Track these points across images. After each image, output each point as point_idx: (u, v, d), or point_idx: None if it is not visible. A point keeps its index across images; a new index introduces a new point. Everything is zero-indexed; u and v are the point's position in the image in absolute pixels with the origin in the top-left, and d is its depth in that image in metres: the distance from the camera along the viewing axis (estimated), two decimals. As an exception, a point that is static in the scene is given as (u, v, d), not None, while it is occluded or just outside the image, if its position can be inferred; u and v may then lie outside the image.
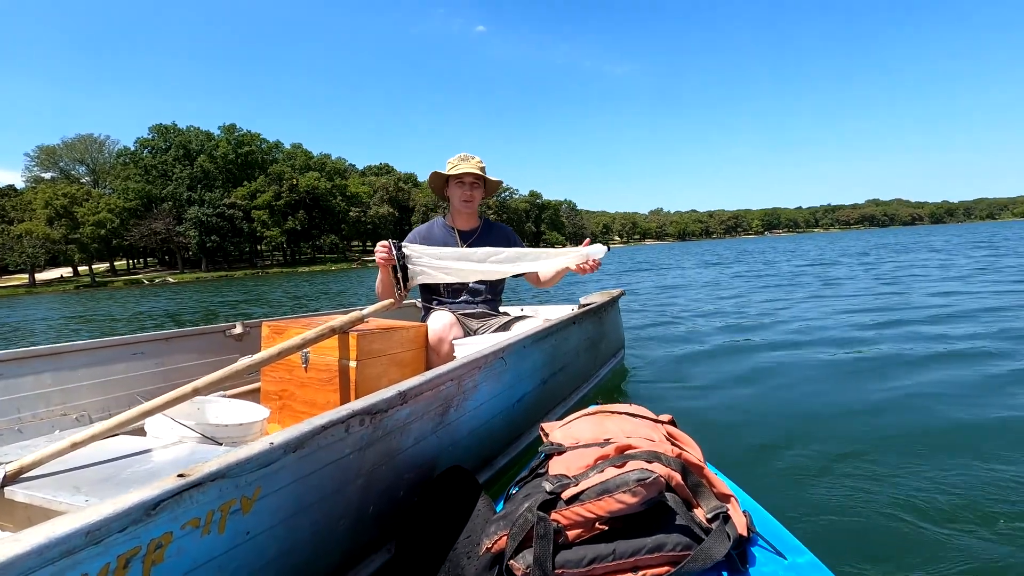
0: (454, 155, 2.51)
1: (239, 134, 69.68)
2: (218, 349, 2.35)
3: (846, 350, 3.61)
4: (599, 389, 2.84)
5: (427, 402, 1.26)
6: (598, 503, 0.97)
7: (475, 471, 1.59)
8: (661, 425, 1.28)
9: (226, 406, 1.83)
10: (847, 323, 4.72)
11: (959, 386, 2.66)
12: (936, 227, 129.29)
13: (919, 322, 4.51)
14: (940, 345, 3.58)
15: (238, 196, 63.35)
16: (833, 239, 51.02)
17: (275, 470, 0.85)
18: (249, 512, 0.82)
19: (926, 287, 7.10)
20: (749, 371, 3.22)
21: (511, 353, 1.69)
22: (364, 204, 76.21)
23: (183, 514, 0.71)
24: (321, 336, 1.81)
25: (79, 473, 1.25)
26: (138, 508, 0.65)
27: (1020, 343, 3.47)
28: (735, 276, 11.74)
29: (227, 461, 0.76)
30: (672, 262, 22.26)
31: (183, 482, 0.70)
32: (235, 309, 12.75)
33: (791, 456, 1.96)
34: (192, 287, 31.78)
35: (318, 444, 0.93)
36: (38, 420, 1.75)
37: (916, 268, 10.35)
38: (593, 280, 12.24)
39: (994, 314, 4.63)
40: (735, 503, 1.08)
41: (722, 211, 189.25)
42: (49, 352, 1.82)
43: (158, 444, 1.49)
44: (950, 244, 20.67)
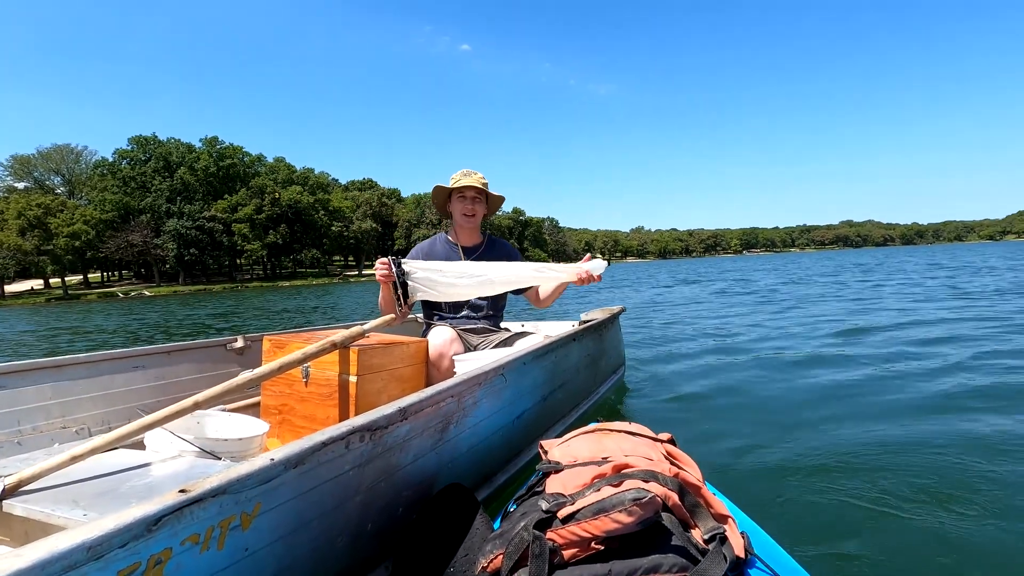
0: (456, 171, 2.54)
1: (221, 147, 68.79)
2: (219, 363, 2.35)
3: (851, 372, 3.60)
4: (599, 406, 2.84)
5: (427, 419, 1.26)
6: (594, 522, 0.97)
7: (474, 488, 1.59)
8: (660, 444, 1.28)
9: (226, 420, 1.83)
10: (851, 344, 4.72)
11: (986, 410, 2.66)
12: (906, 248, 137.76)
13: (928, 342, 4.50)
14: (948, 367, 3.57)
15: (219, 209, 62.57)
16: (814, 259, 52.81)
17: (275, 486, 0.85)
18: (249, 528, 0.82)
19: (928, 309, 7.11)
20: (751, 391, 3.22)
21: (511, 370, 1.69)
22: (347, 219, 75.87)
23: (183, 530, 0.72)
24: (322, 351, 1.82)
25: (78, 487, 1.25)
26: (139, 524, 0.65)
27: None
28: (737, 296, 11.74)
29: (228, 477, 0.76)
30: (663, 277, 22.60)
31: (184, 498, 0.70)
32: (226, 322, 12.62)
33: (792, 478, 1.95)
34: (170, 301, 31.39)
35: (318, 460, 0.93)
36: (38, 433, 1.75)
37: (914, 289, 10.36)
38: (580, 296, 12.23)
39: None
40: (733, 524, 1.08)
41: (702, 230, 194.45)
42: (50, 364, 1.83)
43: (157, 458, 1.49)
44: (952, 264, 20.74)
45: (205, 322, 12.96)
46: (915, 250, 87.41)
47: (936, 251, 59.89)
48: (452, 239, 2.57)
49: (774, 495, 1.82)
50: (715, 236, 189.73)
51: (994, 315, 5.85)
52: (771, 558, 1.06)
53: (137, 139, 65.28)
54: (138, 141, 65.16)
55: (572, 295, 13.74)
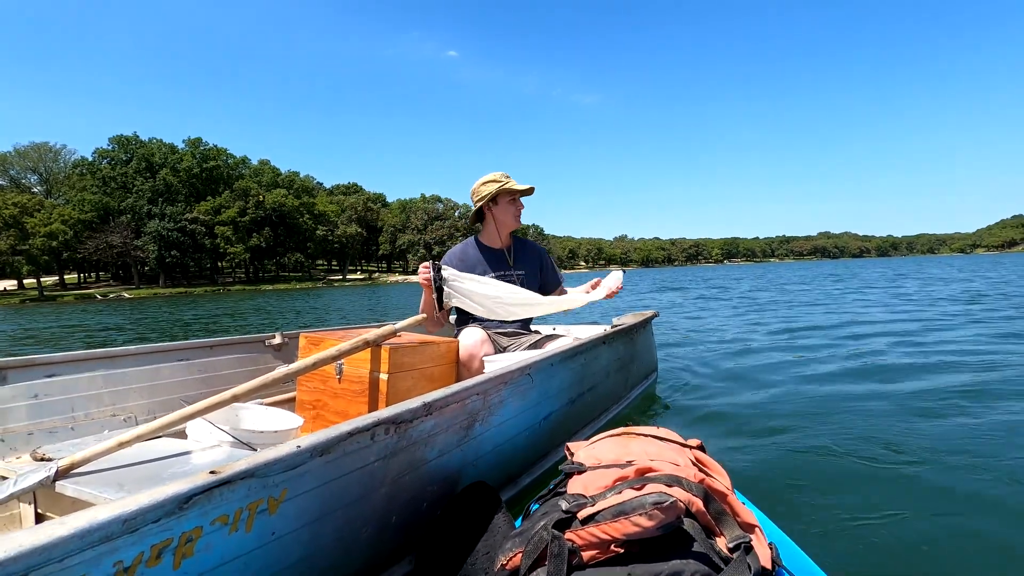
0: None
1: (205, 148, 67.75)
2: (257, 358, 2.44)
3: (897, 382, 3.43)
4: (630, 411, 2.80)
5: (452, 415, 1.28)
6: (614, 524, 0.96)
7: (499, 488, 1.59)
8: (689, 450, 1.26)
9: (262, 413, 1.90)
10: (897, 351, 4.50)
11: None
12: (882, 259, 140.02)
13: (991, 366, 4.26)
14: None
15: (201, 211, 61.61)
16: (794, 268, 53.88)
17: (301, 473, 0.88)
18: (276, 513, 0.85)
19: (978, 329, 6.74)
20: (790, 400, 3.11)
21: (538, 370, 1.70)
22: (331, 223, 75.25)
23: (213, 510, 0.75)
24: (355, 348, 1.87)
25: (123, 471, 1.32)
26: (172, 500, 0.68)
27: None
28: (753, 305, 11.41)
29: (256, 461, 0.79)
30: (645, 286, 22.38)
31: (214, 479, 0.73)
32: (214, 324, 12.17)
33: (829, 488, 1.87)
34: (150, 303, 30.16)
35: (344, 450, 0.96)
36: (89, 420, 1.86)
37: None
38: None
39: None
40: (760, 534, 1.05)
41: (684, 239, 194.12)
42: (103, 355, 1.94)
43: (198, 447, 1.56)
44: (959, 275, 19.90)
45: (219, 322, 12.77)
46: (889, 261, 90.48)
47: (908, 263, 62.04)
48: (485, 242, 2.60)
49: (810, 507, 1.74)
50: (697, 245, 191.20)
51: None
52: (800, 571, 1.02)
53: (118, 139, 64.23)
54: (119, 141, 64.09)
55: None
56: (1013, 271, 21.73)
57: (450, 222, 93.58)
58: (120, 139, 64.57)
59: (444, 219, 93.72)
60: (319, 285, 62.50)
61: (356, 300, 21.68)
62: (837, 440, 2.36)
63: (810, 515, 1.68)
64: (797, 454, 2.22)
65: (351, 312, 14.57)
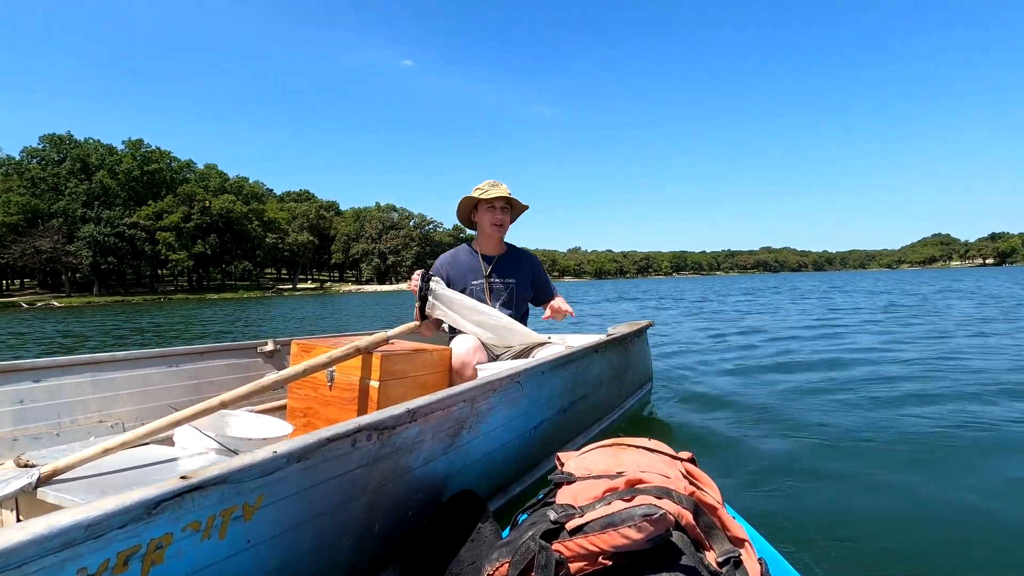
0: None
1: (146, 150, 64.18)
2: (249, 364, 2.42)
3: (895, 395, 3.42)
4: (623, 421, 2.78)
5: (438, 422, 1.26)
6: (602, 536, 0.94)
7: (487, 497, 1.57)
8: (679, 462, 1.24)
9: (251, 420, 1.88)
10: (891, 363, 4.49)
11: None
12: (818, 273, 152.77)
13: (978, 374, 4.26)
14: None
15: (142, 216, 58.15)
16: (741, 281, 57.19)
17: (278, 479, 0.86)
18: (251, 520, 0.83)
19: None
20: (787, 413, 3.08)
21: (528, 378, 1.68)
22: (282, 231, 73.39)
23: (184, 516, 0.73)
24: (346, 355, 1.85)
25: (108, 478, 1.30)
26: (138, 506, 0.67)
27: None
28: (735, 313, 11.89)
29: (230, 466, 0.77)
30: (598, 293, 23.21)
31: (185, 484, 0.71)
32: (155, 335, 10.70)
33: (822, 504, 1.85)
34: (84, 312, 27.02)
35: (323, 456, 0.94)
36: (76, 426, 1.84)
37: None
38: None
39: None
40: (750, 548, 1.03)
41: (635, 252, 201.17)
42: (91, 361, 1.92)
43: (184, 454, 1.54)
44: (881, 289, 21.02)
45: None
46: (826, 275, 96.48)
47: (842, 277, 65.86)
48: (475, 248, 2.59)
49: (801, 522, 1.72)
50: (647, 258, 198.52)
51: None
52: (790, 586, 1.00)
53: (50, 138, 59.99)
54: (51, 140, 59.92)
55: (596, 311, 13.91)
56: (928, 285, 24.26)
57: (405, 232, 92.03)
58: (52, 138, 60.42)
59: (399, 228, 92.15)
60: (268, 294, 59.66)
61: (306, 310, 20.72)
62: (833, 456, 2.34)
63: (801, 531, 1.66)
64: (790, 469, 2.20)
65: (299, 324, 13.13)
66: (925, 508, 1.80)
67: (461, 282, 2.52)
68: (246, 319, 16.00)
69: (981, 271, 79.23)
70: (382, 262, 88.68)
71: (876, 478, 2.07)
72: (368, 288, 76.89)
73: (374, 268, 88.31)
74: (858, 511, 1.79)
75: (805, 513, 1.78)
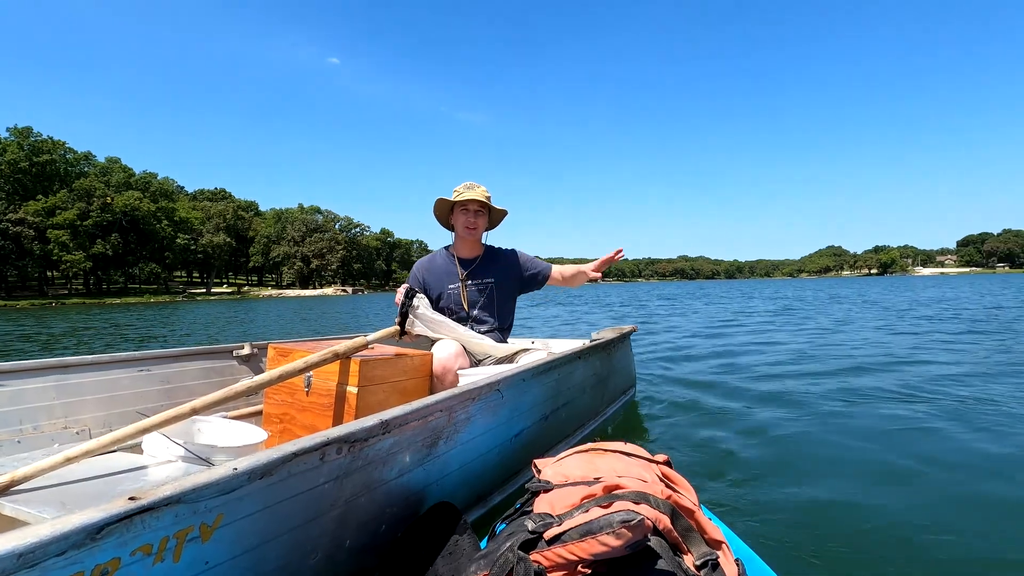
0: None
1: (36, 139, 57.22)
2: (224, 369, 2.37)
3: (874, 404, 3.48)
4: (607, 427, 2.78)
5: (414, 432, 1.23)
6: (580, 544, 0.93)
7: (466, 508, 1.55)
8: (656, 465, 1.24)
9: (224, 427, 1.83)
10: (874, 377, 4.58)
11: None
12: (729, 281, 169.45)
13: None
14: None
15: (29, 211, 52.09)
16: (662, 288, 60.94)
17: (239, 497, 0.82)
18: (209, 540, 0.79)
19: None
20: (764, 416, 3.11)
21: (508, 386, 1.66)
22: (195, 231, 68.05)
23: (133, 539, 0.68)
24: (323, 360, 1.82)
25: (70, 488, 1.25)
26: (79, 531, 0.62)
27: None
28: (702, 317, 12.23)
29: (184, 486, 0.73)
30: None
31: (133, 506, 0.67)
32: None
33: (797, 504, 1.86)
34: None
35: (289, 471, 0.90)
36: (39, 433, 1.77)
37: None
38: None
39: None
40: (727, 550, 1.03)
41: (562, 258, 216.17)
42: (56, 364, 1.85)
43: (153, 462, 1.49)
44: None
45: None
46: (736, 283, 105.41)
47: (750, 284, 71.30)
48: (454, 251, 2.57)
49: (777, 522, 1.73)
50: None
51: None
52: (767, 589, 1.00)
53: None
54: None
55: (581, 314, 14.04)
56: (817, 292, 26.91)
57: (330, 234, 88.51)
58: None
59: (324, 231, 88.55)
60: (179, 299, 55.02)
61: (218, 315, 19.43)
62: (807, 456, 2.37)
63: (777, 530, 1.67)
64: (766, 469, 2.22)
65: (201, 330, 11.59)
66: (897, 504, 1.83)
67: (438, 287, 2.50)
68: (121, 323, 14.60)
69: (866, 280, 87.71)
70: (305, 266, 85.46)
71: (850, 477, 2.11)
72: (290, 293, 73.93)
73: (296, 272, 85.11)
74: (833, 510, 1.82)
75: (781, 513, 1.79)
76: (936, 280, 62.39)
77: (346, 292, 79.24)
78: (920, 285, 36.66)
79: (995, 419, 2.83)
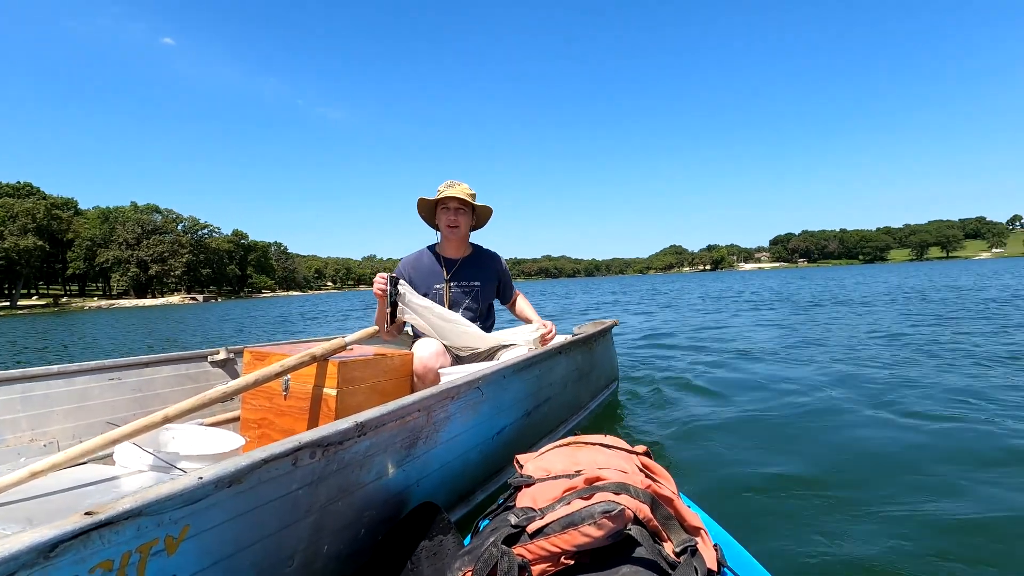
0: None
1: None
2: (199, 375, 2.32)
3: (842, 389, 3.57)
4: (589, 421, 2.79)
5: (391, 434, 1.21)
6: (563, 536, 0.93)
7: (449, 507, 1.54)
8: (635, 456, 1.25)
9: (199, 434, 1.80)
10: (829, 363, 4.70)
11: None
12: (589, 279, 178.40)
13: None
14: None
15: None
16: (533, 286, 64.81)
17: (206, 507, 0.80)
18: (175, 553, 0.77)
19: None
20: (743, 404, 3.17)
21: (489, 383, 1.65)
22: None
23: (91, 556, 0.65)
24: (300, 363, 1.79)
25: (36, 504, 1.21)
26: (29, 551, 0.59)
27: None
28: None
29: (145, 498, 0.70)
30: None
31: (89, 521, 0.64)
32: None
33: (773, 490, 1.90)
34: None
35: (259, 479, 0.88)
36: (4, 447, 1.71)
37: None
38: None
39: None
40: (706, 536, 1.04)
41: None
42: (21, 376, 1.79)
43: (124, 472, 1.45)
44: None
45: None
46: (596, 280, 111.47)
47: (608, 282, 74.72)
48: (439, 250, 2.55)
49: (754, 508, 1.77)
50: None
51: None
52: (745, 571, 1.02)
53: None
54: None
55: (569, 310, 14.09)
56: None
57: (172, 236, 79.38)
58: None
59: (164, 233, 79.23)
60: None
61: (27, 333, 15.73)
62: (783, 442, 2.42)
63: (753, 515, 1.71)
64: (741, 456, 2.26)
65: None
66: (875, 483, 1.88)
67: (423, 286, 2.47)
68: None
69: (702, 275, 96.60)
70: (142, 272, 76.15)
71: (823, 459, 2.17)
72: (125, 303, 65.32)
73: (131, 279, 75.56)
74: (807, 491, 1.87)
75: (757, 497, 1.84)
76: (756, 274, 72.47)
77: (196, 300, 69.92)
78: (748, 278, 41.81)
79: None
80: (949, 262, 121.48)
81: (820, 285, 20.57)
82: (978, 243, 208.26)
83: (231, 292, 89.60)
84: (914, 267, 64.75)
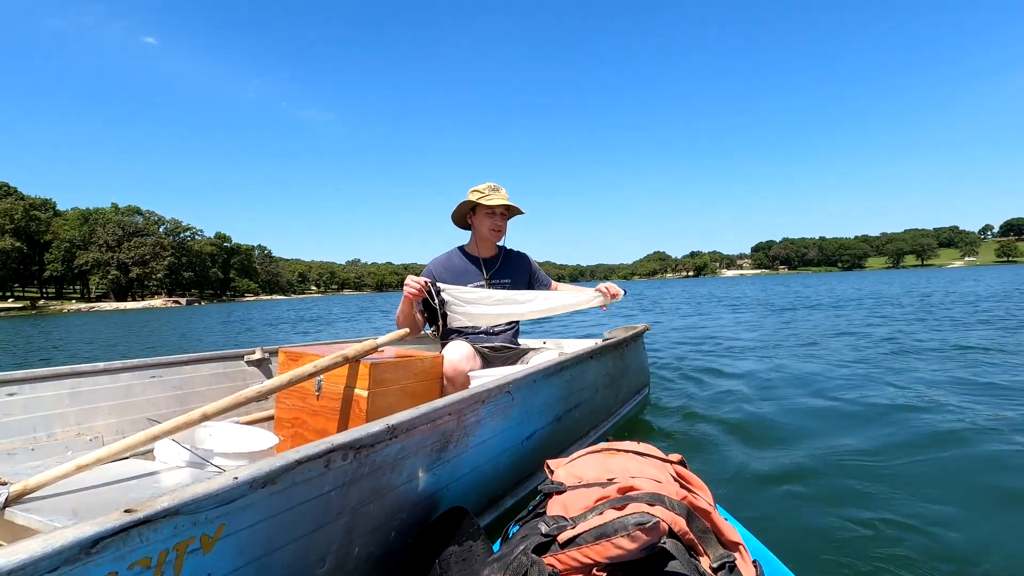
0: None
1: None
2: (235, 374, 2.37)
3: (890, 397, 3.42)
4: (621, 427, 2.74)
5: (422, 437, 1.21)
6: (595, 547, 0.91)
7: (479, 512, 1.53)
8: (670, 465, 1.21)
9: (236, 432, 1.84)
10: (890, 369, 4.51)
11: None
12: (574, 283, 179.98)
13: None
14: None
15: None
16: None
17: (241, 507, 0.80)
18: (211, 552, 0.77)
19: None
20: (784, 412, 3.06)
21: (519, 388, 1.64)
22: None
23: (130, 553, 0.67)
24: (333, 364, 1.81)
25: (82, 496, 1.25)
26: (72, 547, 0.60)
27: None
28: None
29: (183, 497, 0.72)
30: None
31: (129, 519, 0.65)
32: None
33: (817, 506, 1.81)
34: None
35: (292, 480, 0.88)
36: (52, 440, 1.78)
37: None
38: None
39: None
40: (744, 552, 1.00)
41: (416, 264, 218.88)
42: (70, 372, 1.86)
43: (164, 468, 1.49)
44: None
45: None
46: (578, 286, 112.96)
47: (590, 287, 77.85)
48: (472, 252, 2.57)
49: (797, 524, 1.68)
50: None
51: None
52: (787, 591, 0.97)
53: None
54: None
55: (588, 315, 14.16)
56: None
57: (154, 239, 78.13)
58: None
59: (146, 235, 78.06)
60: None
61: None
62: (824, 454, 2.31)
63: (796, 531, 1.63)
64: (783, 468, 2.16)
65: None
66: (921, 508, 1.77)
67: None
68: None
69: (685, 281, 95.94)
70: (123, 274, 75.15)
71: (873, 480, 2.03)
72: (105, 306, 63.90)
73: (111, 281, 74.35)
74: (856, 513, 1.75)
75: (800, 513, 1.75)
76: (737, 281, 72.42)
77: (179, 304, 68.57)
78: (731, 284, 41.85)
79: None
80: (924, 270, 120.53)
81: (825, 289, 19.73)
82: (951, 251, 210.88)
83: (213, 295, 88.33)
84: (891, 274, 64.63)
